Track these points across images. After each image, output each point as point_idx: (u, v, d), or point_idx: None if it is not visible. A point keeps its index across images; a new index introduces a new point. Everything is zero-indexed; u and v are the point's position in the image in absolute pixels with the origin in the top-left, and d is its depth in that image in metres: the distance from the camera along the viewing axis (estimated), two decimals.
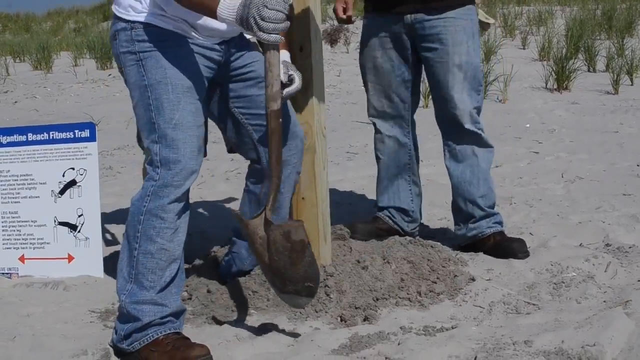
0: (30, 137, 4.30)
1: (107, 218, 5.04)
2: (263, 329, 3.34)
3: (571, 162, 6.54)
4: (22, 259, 4.22)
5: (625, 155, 6.68)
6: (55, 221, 4.20)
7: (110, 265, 4.25)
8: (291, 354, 3.12)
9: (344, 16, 4.48)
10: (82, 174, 4.20)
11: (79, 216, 4.18)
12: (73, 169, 4.21)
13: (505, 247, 4.19)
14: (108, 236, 4.81)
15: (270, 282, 3.30)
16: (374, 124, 4.49)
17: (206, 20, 3.21)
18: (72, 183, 4.21)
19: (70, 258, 4.17)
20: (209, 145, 3.89)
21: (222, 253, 4.04)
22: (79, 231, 4.18)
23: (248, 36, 3.78)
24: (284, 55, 3.44)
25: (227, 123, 3.57)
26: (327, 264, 3.73)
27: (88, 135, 4.23)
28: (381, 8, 4.33)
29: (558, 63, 10.41)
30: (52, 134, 4.27)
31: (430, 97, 4.89)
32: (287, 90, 3.34)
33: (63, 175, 4.22)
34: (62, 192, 4.21)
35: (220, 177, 6.48)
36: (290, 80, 3.38)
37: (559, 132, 7.96)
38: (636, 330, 3.12)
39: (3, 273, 4.21)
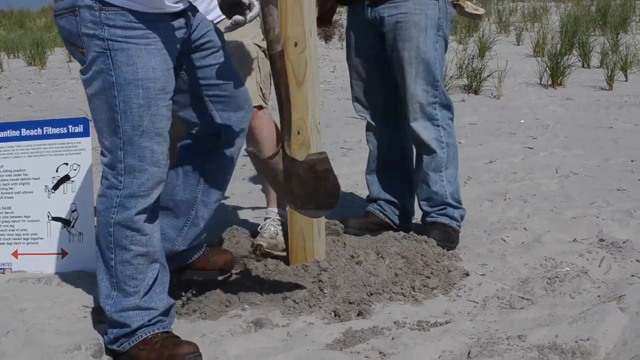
0: (24, 132, 4.28)
1: None
2: (257, 324, 3.33)
3: (565, 157, 6.54)
4: (15, 254, 4.20)
5: (620, 150, 6.69)
6: (48, 216, 4.19)
7: None
8: (285, 348, 3.12)
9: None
10: (75, 169, 4.19)
11: (73, 211, 4.17)
12: (67, 164, 4.20)
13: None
14: None
15: (288, 202, 3.39)
16: (365, 117, 4.51)
17: None
18: (66, 178, 4.19)
19: (63, 253, 4.16)
20: None
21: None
22: (72, 226, 4.16)
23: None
24: None
25: (184, 100, 3.38)
26: (321, 259, 3.73)
27: (82, 130, 4.21)
28: (342, 2, 4.45)
29: (552, 59, 10.41)
30: (46, 129, 4.26)
31: None
32: (250, 16, 3.17)
33: (56, 171, 4.21)
34: (55, 187, 4.20)
35: None
36: (250, 6, 3.18)
37: (554, 127, 7.97)
38: (630, 325, 3.12)
39: None
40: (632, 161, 6.25)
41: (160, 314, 3.16)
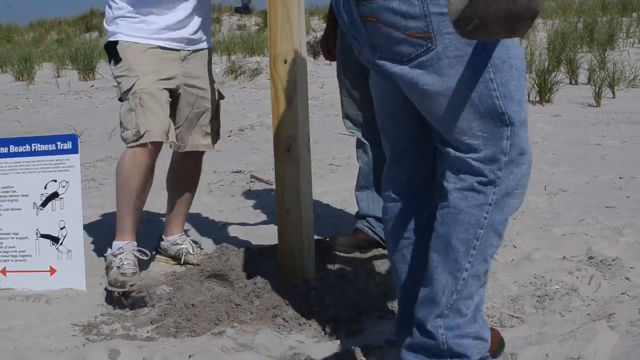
0: (12, 149, 4.27)
1: (90, 230, 5.02)
2: (246, 343, 3.32)
3: (554, 174, 6.55)
4: (3, 271, 4.18)
5: (608, 167, 6.70)
6: (37, 234, 4.17)
7: (93, 278, 4.23)
8: None
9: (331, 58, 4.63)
10: (64, 186, 4.18)
11: (61, 228, 4.15)
12: (55, 181, 4.19)
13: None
14: (90, 248, 4.77)
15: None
16: (355, 134, 4.51)
17: None
18: (54, 195, 4.18)
19: (52, 271, 4.14)
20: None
21: (205, 265, 4.02)
22: (61, 244, 4.15)
23: None
24: None
25: None
26: (311, 277, 3.72)
27: (70, 147, 4.20)
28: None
29: (540, 75, 10.43)
30: (34, 145, 4.25)
31: None
32: None
33: (45, 188, 4.19)
34: (44, 204, 4.19)
35: (204, 188, 6.46)
36: None
37: (542, 144, 7.98)
38: (620, 344, 3.12)
39: None
40: (620, 178, 6.26)
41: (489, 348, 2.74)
